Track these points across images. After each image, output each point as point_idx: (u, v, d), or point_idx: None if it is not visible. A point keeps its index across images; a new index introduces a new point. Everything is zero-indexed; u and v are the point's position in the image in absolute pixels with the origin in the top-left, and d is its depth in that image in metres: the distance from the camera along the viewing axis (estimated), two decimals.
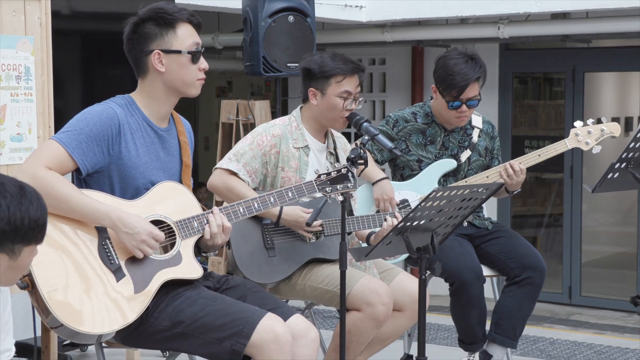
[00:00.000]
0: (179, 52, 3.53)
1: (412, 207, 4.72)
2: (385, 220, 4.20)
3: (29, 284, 3.30)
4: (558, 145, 4.81)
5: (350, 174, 3.75)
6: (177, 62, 3.55)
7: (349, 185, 3.75)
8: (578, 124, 4.83)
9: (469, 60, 4.72)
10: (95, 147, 3.44)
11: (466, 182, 4.85)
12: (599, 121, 4.83)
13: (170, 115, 3.71)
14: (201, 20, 3.66)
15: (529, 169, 4.80)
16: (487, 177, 4.83)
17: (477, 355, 4.86)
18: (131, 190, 3.53)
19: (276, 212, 4.21)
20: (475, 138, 4.95)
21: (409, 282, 4.35)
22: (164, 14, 3.53)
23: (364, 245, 4.41)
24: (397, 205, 4.76)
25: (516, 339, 4.89)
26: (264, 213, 4.18)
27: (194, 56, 3.55)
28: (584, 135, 4.81)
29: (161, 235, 3.44)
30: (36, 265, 3.28)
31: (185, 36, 3.55)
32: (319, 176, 3.75)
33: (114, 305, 3.36)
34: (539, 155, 4.79)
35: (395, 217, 4.18)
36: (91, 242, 3.41)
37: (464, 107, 4.74)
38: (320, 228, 4.25)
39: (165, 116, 3.66)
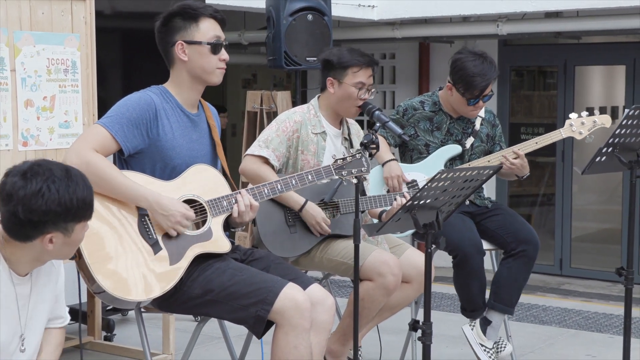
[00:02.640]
0: (199, 43, 3.54)
1: (420, 188, 4.74)
2: (395, 199, 4.19)
3: (76, 255, 3.32)
4: (553, 134, 4.80)
5: (363, 159, 3.74)
6: (198, 52, 3.55)
7: (362, 169, 3.74)
8: (573, 115, 4.81)
9: (484, 61, 4.69)
10: (135, 130, 3.46)
11: (469, 165, 4.84)
12: (591, 113, 4.82)
13: (200, 102, 3.72)
14: (228, 18, 3.67)
15: (525, 154, 4.80)
16: (489, 161, 4.82)
17: (477, 321, 4.85)
18: (169, 169, 3.54)
19: (300, 202, 4.20)
20: (477, 126, 4.94)
21: (417, 257, 4.34)
22: (189, 9, 3.56)
23: (376, 221, 4.41)
24: (407, 184, 4.76)
25: (513, 306, 4.87)
26: (288, 202, 4.18)
27: (214, 47, 3.56)
28: (578, 126, 4.80)
29: (193, 215, 3.45)
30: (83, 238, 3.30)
31: (207, 29, 3.56)
32: (336, 161, 3.74)
33: (151, 275, 3.37)
34: (536, 143, 4.79)
35: (404, 196, 4.18)
36: (132, 219, 3.42)
37: (481, 102, 4.76)
38: (329, 231, 4.24)
39: (194, 103, 3.67)
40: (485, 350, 4.79)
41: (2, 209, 2.70)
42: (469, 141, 4.90)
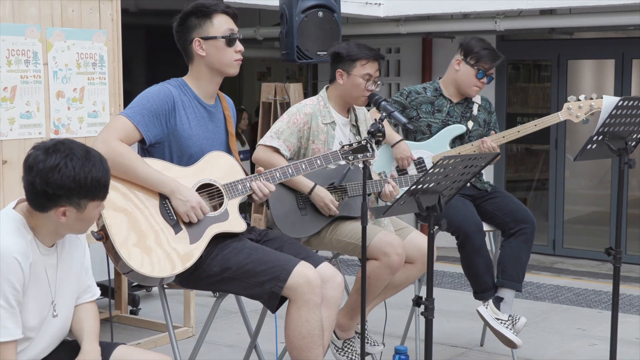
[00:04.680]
0: (215, 37, 3.53)
1: (427, 164, 4.73)
2: (386, 184, 4.21)
3: (103, 237, 3.32)
4: (551, 117, 4.77)
5: (369, 145, 3.73)
6: (215, 47, 3.54)
7: (367, 154, 3.72)
8: (571, 98, 4.78)
9: (489, 45, 4.90)
10: (155, 120, 3.45)
11: (459, 152, 4.81)
12: (587, 98, 4.79)
13: (217, 94, 3.71)
14: (245, 15, 3.66)
15: (521, 139, 4.79)
16: (472, 145, 4.81)
17: (490, 302, 4.79)
18: (186, 157, 3.53)
19: (309, 186, 4.18)
20: (475, 111, 4.93)
21: (420, 239, 4.32)
22: (202, 7, 3.55)
23: (382, 204, 4.40)
24: (414, 161, 4.76)
25: (520, 282, 4.80)
26: (298, 186, 4.17)
27: (228, 40, 3.54)
28: (575, 110, 4.76)
29: (207, 208, 3.44)
30: (109, 220, 3.30)
31: (221, 24, 3.55)
32: (343, 147, 3.73)
33: (173, 254, 3.37)
34: (535, 125, 4.77)
35: (390, 184, 4.20)
36: (153, 202, 3.42)
37: (485, 79, 4.82)
38: (337, 212, 4.21)
39: (212, 95, 3.65)
40: (501, 322, 4.72)
41: (23, 178, 2.74)
42: (470, 124, 4.90)
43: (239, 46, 3.57)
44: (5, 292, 2.68)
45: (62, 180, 2.68)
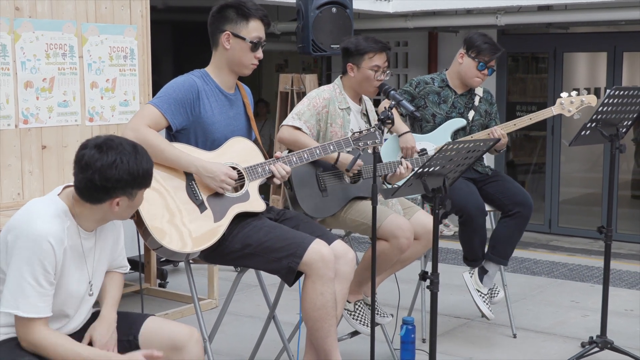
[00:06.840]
0: (243, 39, 3.51)
1: (430, 155, 4.71)
2: (399, 167, 4.18)
3: (134, 215, 3.33)
4: (545, 111, 4.75)
5: (377, 132, 3.72)
6: (240, 46, 3.52)
7: (376, 141, 3.72)
8: (563, 94, 4.76)
9: (491, 39, 4.86)
10: (181, 109, 3.45)
11: (471, 137, 4.81)
12: (579, 93, 4.77)
13: (236, 84, 3.70)
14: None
15: (521, 128, 4.78)
16: (488, 134, 4.79)
17: (476, 270, 4.84)
18: (209, 142, 3.53)
19: (334, 156, 4.15)
20: (477, 102, 4.91)
21: (425, 218, 4.31)
22: (245, 7, 3.51)
23: (390, 186, 4.39)
24: (418, 152, 4.74)
25: (507, 259, 4.85)
26: (326, 159, 4.14)
27: (254, 46, 3.53)
28: (567, 104, 4.74)
29: (234, 173, 3.44)
30: None
31: (253, 29, 3.52)
32: (354, 134, 3.73)
33: (198, 231, 3.37)
34: (530, 119, 4.75)
35: (403, 165, 4.16)
36: (180, 183, 3.42)
37: (486, 71, 4.78)
38: (359, 168, 4.19)
39: (232, 85, 3.64)
40: (480, 295, 4.78)
41: (79, 176, 2.74)
42: (471, 114, 4.87)
43: (259, 53, 3.56)
44: (36, 272, 2.68)
45: (120, 174, 2.69)
